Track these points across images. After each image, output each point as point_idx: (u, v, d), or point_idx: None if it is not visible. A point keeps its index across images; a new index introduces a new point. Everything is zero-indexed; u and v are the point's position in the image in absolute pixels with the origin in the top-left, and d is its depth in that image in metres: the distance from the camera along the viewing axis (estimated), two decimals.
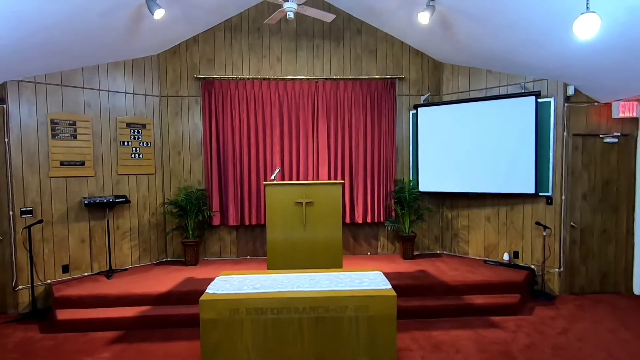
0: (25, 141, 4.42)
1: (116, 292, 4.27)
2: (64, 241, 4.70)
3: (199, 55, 5.50)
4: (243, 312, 2.60)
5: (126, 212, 5.19)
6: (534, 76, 4.89)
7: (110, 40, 4.52)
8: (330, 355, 2.64)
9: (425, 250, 5.86)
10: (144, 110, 5.33)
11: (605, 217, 4.87)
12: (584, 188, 4.83)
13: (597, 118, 4.74)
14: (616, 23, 3.29)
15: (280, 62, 5.57)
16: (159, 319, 3.98)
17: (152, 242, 5.43)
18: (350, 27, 5.61)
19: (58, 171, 4.63)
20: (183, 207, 5.25)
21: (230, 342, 2.60)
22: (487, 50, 4.81)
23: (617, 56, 3.76)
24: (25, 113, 4.41)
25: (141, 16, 4.30)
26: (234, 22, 5.50)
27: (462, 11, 4.23)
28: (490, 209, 5.37)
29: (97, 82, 4.93)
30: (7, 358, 3.37)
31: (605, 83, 4.37)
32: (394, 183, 5.67)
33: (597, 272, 4.89)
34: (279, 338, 2.62)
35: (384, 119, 5.62)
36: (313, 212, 4.07)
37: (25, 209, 4.41)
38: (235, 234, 5.66)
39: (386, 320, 2.64)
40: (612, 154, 4.83)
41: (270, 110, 5.52)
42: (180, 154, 5.55)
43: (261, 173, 5.52)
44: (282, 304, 2.63)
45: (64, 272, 4.70)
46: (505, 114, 4.99)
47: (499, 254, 5.30)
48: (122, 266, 5.14)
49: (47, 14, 3.52)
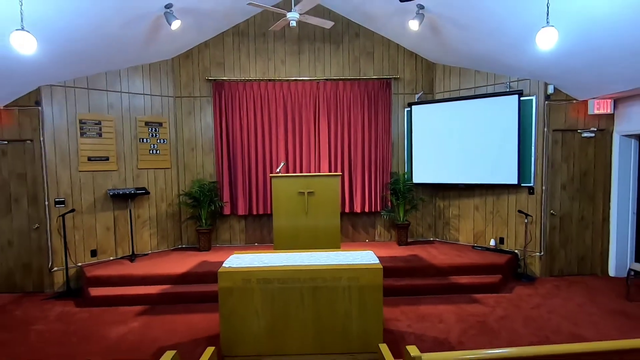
0: (58, 139, 4.95)
1: (140, 273, 4.81)
2: (92, 228, 5.25)
3: (210, 59, 5.98)
4: (254, 282, 3.11)
5: (146, 202, 5.73)
6: (517, 76, 5.31)
7: (130, 47, 5.02)
8: (326, 319, 3.14)
9: (419, 238, 6.34)
10: (160, 110, 5.84)
11: (583, 206, 5.30)
12: (563, 179, 5.26)
13: (575, 114, 5.16)
14: (581, 31, 3.72)
15: (284, 65, 6.04)
16: (179, 296, 4.51)
17: (169, 230, 5.97)
18: (349, 31, 6.05)
19: (86, 166, 5.17)
20: (197, 198, 5.77)
21: (243, 306, 3.11)
22: (474, 53, 5.24)
23: (586, 59, 4.18)
24: (57, 114, 4.94)
25: (158, 26, 4.79)
26: (241, 28, 5.97)
27: (448, 19, 4.66)
28: (479, 199, 5.83)
29: (119, 85, 5.44)
30: (52, 327, 3.93)
31: (580, 82, 4.79)
32: (390, 175, 6.14)
33: (575, 256, 5.34)
34: (284, 304, 3.12)
35: (381, 117, 6.08)
36: (314, 201, 4.56)
37: (59, 199, 4.96)
38: (244, 223, 6.18)
39: (374, 289, 3.13)
40: (590, 148, 5.24)
41: (275, 109, 6.00)
42: (193, 150, 6.07)
43: (267, 166, 6.02)
44: (286, 275, 3.13)
45: (92, 256, 5.25)
46: (492, 111, 5.42)
47: (486, 240, 5.76)
48: (143, 251, 5.69)
49: (77, 26, 4.03)
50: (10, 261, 4.96)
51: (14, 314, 4.28)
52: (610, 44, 3.75)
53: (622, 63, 3.97)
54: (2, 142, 4.85)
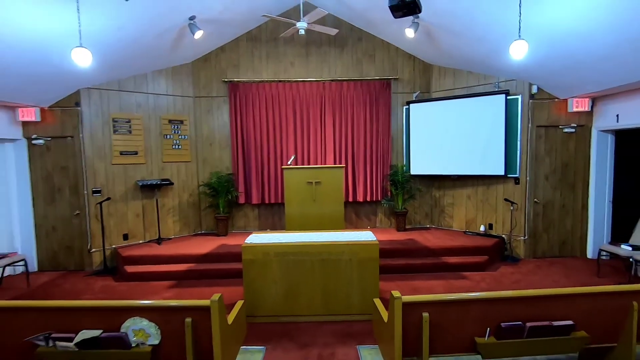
0: (94, 135, 5.61)
1: (167, 253, 5.48)
2: (124, 215, 5.93)
3: (226, 62, 6.59)
4: (272, 254, 3.73)
5: (169, 192, 6.39)
6: (505, 77, 5.85)
7: (157, 54, 5.64)
8: (332, 286, 3.77)
9: (417, 225, 6.93)
10: (181, 109, 6.47)
11: (564, 194, 5.85)
12: (546, 170, 5.81)
13: (557, 112, 5.69)
14: (554, 39, 4.27)
15: (293, 67, 6.62)
16: (203, 272, 5.17)
17: (190, 217, 6.64)
18: (352, 35, 6.61)
19: (118, 159, 5.83)
20: (215, 188, 6.41)
21: (262, 275, 3.74)
22: (465, 56, 5.78)
23: (562, 63, 4.72)
24: (93, 113, 5.59)
25: (182, 34, 5.39)
26: (254, 34, 6.56)
27: (441, 26, 5.21)
28: (470, 188, 6.40)
29: (145, 86, 6.07)
30: (98, 297, 4.61)
31: (560, 83, 5.32)
32: (389, 167, 6.72)
33: (556, 239, 5.90)
34: (297, 273, 3.75)
35: (381, 114, 6.65)
36: (321, 189, 5.18)
37: (96, 189, 5.63)
38: (257, 211, 6.83)
39: (371, 261, 3.75)
40: (570, 142, 5.78)
41: (285, 108, 6.60)
42: (211, 145, 6.70)
43: (278, 159, 6.64)
44: (299, 249, 3.75)
45: (124, 239, 5.93)
46: (482, 109, 5.97)
47: (477, 226, 6.34)
48: (167, 236, 6.36)
49: (117, 39, 4.65)
50: (55, 244, 5.66)
51: (63, 287, 4.97)
52: (581, 51, 4.29)
53: (593, 68, 4.51)
54: (47, 139, 5.52)
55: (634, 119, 4.97)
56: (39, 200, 5.60)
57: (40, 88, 4.97)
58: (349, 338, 3.48)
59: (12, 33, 3.70)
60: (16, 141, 5.46)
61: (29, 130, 5.46)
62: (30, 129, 5.46)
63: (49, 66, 4.50)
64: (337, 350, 3.27)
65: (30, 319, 2.47)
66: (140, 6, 4.24)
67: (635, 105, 4.93)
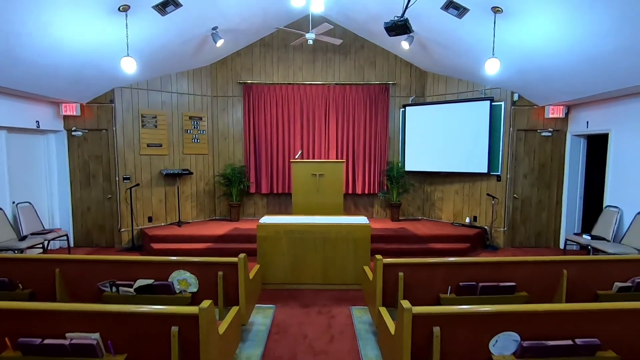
0: (125, 129, 6.36)
1: (188, 233, 6.25)
2: (149, 200, 6.70)
3: (241, 66, 7.32)
4: (281, 232, 4.48)
5: (188, 181, 7.15)
6: (490, 85, 6.54)
7: (182, 58, 6.38)
8: (332, 259, 4.51)
9: (410, 216, 7.66)
10: (200, 107, 7.22)
11: (541, 191, 6.55)
12: (525, 169, 6.51)
13: (536, 117, 6.38)
14: (525, 56, 4.98)
15: (301, 71, 7.35)
16: (220, 250, 5.92)
17: (206, 204, 7.40)
18: (355, 43, 7.31)
19: (145, 150, 6.59)
20: (229, 178, 7.17)
21: (274, 249, 4.49)
22: (455, 66, 6.48)
23: (535, 76, 5.42)
24: (124, 109, 6.35)
25: (204, 42, 6.12)
26: (266, 41, 7.29)
27: (433, 40, 5.91)
28: (458, 184, 7.11)
29: (170, 86, 6.82)
30: None
31: (537, 92, 6.01)
32: (386, 164, 7.45)
33: (533, 231, 6.61)
34: (302, 248, 4.50)
35: (380, 115, 7.37)
36: (323, 181, 5.92)
37: (125, 176, 6.40)
38: (266, 200, 7.58)
39: (364, 240, 4.48)
40: (547, 144, 6.47)
41: (293, 108, 7.33)
42: (226, 139, 7.45)
43: (286, 154, 7.38)
44: (304, 229, 4.49)
45: (149, 221, 6.70)
46: (469, 113, 6.67)
47: (463, 218, 7.06)
48: (186, 220, 7.13)
49: (151, 47, 5.39)
50: (89, 223, 6.44)
51: None
52: (550, 67, 4.98)
53: (561, 81, 5.21)
54: (84, 131, 6.28)
55: (600, 126, 5.65)
56: (76, 184, 6.38)
57: (82, 87, 5.73)
58: (343, 301, 4.22)
59: (68, 41, 4.44)
60: (58, 132, 6.22)
61: (69, 123, 6.23)
62: (70, 122, 6.22)
63: (92, 69, 5.25)
64: (333, 309, 4.02)
65: (100, 269, 3.23)
66: (171, 19, 4.97)
67: (601, 114, 5.62)
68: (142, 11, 4.46)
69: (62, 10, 3.84)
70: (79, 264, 3.25)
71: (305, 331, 3.53)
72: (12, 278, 3.18)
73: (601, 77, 4.63)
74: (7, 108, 5.12)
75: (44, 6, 3.67)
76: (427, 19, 5.24)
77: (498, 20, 4.46)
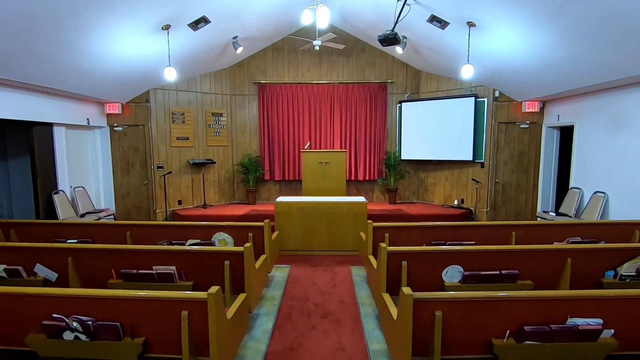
0: (159, 124, 7.41)
1: (213, 214, 7.32)
2: (179, 186, 7.77)
3: (255, 68, 8.31)
4: (294, 208, 5.50)
5: (211, 170, 8.20)
6: (475, 83, 7.44)
7: (206, 62, 7.39)
8: (334, 231, 5.52)
9: (405, 200, 8.64)
10: (221, 104, 8.23)
11: (519, 176, 7.48)
12: (505, 157, 7.43)
13: (515, 111, 7.28)
14: (497, 60, 5.89)
15: (309, 72, 8.31)
16: None
17: (226, 189, 8.46)
18: (357, 46, 8.24)
19: (175, 143, 7.64)
20: (246, 167, 8.20)
21: (288, 221, 5.52)
22: (444, 67, 7.39)
23: (509, 76, 6.33)
24: (158, 107, 7.39)
25: (225, 48, 7.11)
26: (278, 45, 8.25)
27: (423, 45, 6.82)
28: (448, 171, 8.06)
29: (195, 86, 7.84)
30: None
31: (514, 90, 6.91)
32: (384, 153, 8.41)
33: (512, 211, 7.55)
34: (311, 221, 5.52)
35: (379, 110, 8.32)
36: (329, 168, 6.91)
37: (159, 165, 7.47)
38: (278, 186, 8.61)
39: (362, 214, 5.49)
40: (525, 135, 7.38)
41: (302, 104, 8.31)
42: (243, 133, 8.47)
43: (296, 145, 8.38)
44: (313, 205, 5.51)
45: (179, 204, 7.79)
46: (457, 108, 7.59)
47: (452, 200, 8.02)
48: (210, 203, 8.20)
49: (183, 55, 6.40)
50: (129, 205, 7.54)
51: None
52: (520, 69, 5.89)
53: (529, 81, 6.11)
54: (124, 126, 7.35)
55: (567, 119, 6.55)
56: (117, 172, 7.47)
57: (124, 89, 6.77)
58: (344, 263, 5.25)
59: (123, 54, 5.45)
60: (102, 128, 7.30)
61: (111, 120, 7.29)
62: (113, 119, 7.29)
63: (135, 74, 6.29)
64: (335, 268, 5.05)
65: (157, 232, 4.29)
66: (200, 32, 5.95)
67: (568, 109, 6.51)
68: (179, 28, 5.46)
69: (122, 31, 4.85)
70: (145, 228, 4.31)
71: (314, 281, 4.57)
72: (95, 239, 4.27)
73: (559, 78, 5.54)
74: (66, 109, 6.18)
75: (110, 31, 4.69)
76: (417, 29, 6.16)
77: (472, 32, 5.37)
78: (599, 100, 5.79)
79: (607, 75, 4.81)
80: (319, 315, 3.68)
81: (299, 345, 3.13)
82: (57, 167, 6.20)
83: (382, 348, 3.06)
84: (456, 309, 2.30)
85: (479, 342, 2.34)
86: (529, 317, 2.29)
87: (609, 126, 5.61)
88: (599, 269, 3.34)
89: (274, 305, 3.89)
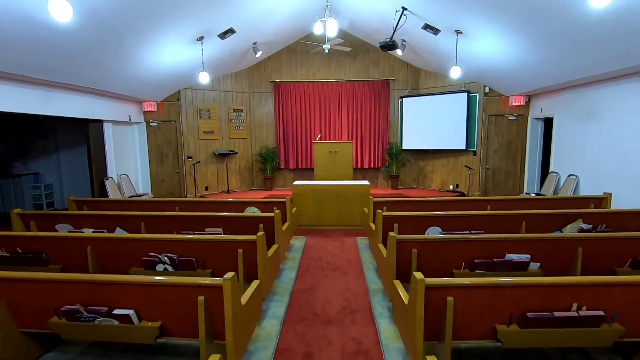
0: (188, 120, 8.47)
1: (236, 197, 8.37)
2: (205, 174, 8.84)
3: (272, 68, 9.28)
4: (309, 190, 6.52)
5: (234, 159, 9.25)
6: (468, 80, 8.32)
7: (229, 64, 8.40)
8: (343, 209, 6.52)
9: (407, 186, 9.59)
10: (241, 101, 9.25)
11: (508, 163, 8.37)
12: (495, 146, 8.32)
13: (503, 105, 8.15)
14: (484, 60, 6.78)
15: (319, 71, 9.26)
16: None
17: (246, 177, 9.51)
18: (362, 48, 9.15)
19: (202, 136, 8.70)
20: (264, 157, 9.23)
21: (303, 201, 6.54)
22: (440, 66, 8.28)
23: (496, 75, 7.21)
24: (188, 105, 8.44)
25: (246, 52, 8.10)
26: (291, 47, 9.21)
27: (420, 48, 7.72)
28: (445, 159, 8.98)
29: (219, 86, 8.86)
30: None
31: (501, 86, 7.78)
32: (387, 143, 9.36)
33: (502, 194, 8.45)
34: (323, 201, 6.53)
35: (382, 105, 9.25)
36: (337, 157, 7.90)
37: (189, 156, 8.54)
38: (293, 174, 9.64)
39: (365, 195, 6.47)
40: (513, 126, 8.25)
41: (313, 100, 9.28)
42: (261, 127, 9.49)
43: (308, 137, 9.38)
44: (324, 188, 6.52)
45: (206, 190, 8.87)
46: (452, 102, 8.49)
47: (448, 185, 8.95)
48: (232, 189, 9.27)
49: (211, 60, 7.41)
50: (163, 190, 8.65)
51: None
52: (505, 68, 6.77)
53: (513, 78, 6.99)
54: (158, 122, 8.42)
55: (548, 112, 7.41)
56: (152, 162, 8.56)
57: (160, 89, 7.82)
58: (351, 235, 6.26)
59: (161, 59, 6.48)
60: (140, 124, 8.38)
61: (147, 116, 8.37)
62: (148, 115, 8.36)
63: (171, 77, 7.33)
64: (343, 238, 6.06)
65: (200, 207, 5.34)
66: (227, 40, 6.94)
67: (549, 102, 7.37)
68: (210, 39, 6.46)
69: (167, 42, 5.87)
70: (190, 204, 5.37)
71: (326, 247, 5.60)
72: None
73: (535, 77, 6.42)
74: (112, 107, 7.26)
75: (157, 42, 5.71)
76: (414, 34, 7.06)
77: (460, 38, 6.26)
78: (573, 94, 6.65)
79: (571, 74, 5.70)
80: (330, 269, 4.70)
81: (317, 287, 4.16)
82: (107, 158, 7.30)
83: (379, 288, 4.06)
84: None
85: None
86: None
87: (581, 117, 6.48)
88: (552, 229, 4.27)
89: (295, 263, 4.92)
